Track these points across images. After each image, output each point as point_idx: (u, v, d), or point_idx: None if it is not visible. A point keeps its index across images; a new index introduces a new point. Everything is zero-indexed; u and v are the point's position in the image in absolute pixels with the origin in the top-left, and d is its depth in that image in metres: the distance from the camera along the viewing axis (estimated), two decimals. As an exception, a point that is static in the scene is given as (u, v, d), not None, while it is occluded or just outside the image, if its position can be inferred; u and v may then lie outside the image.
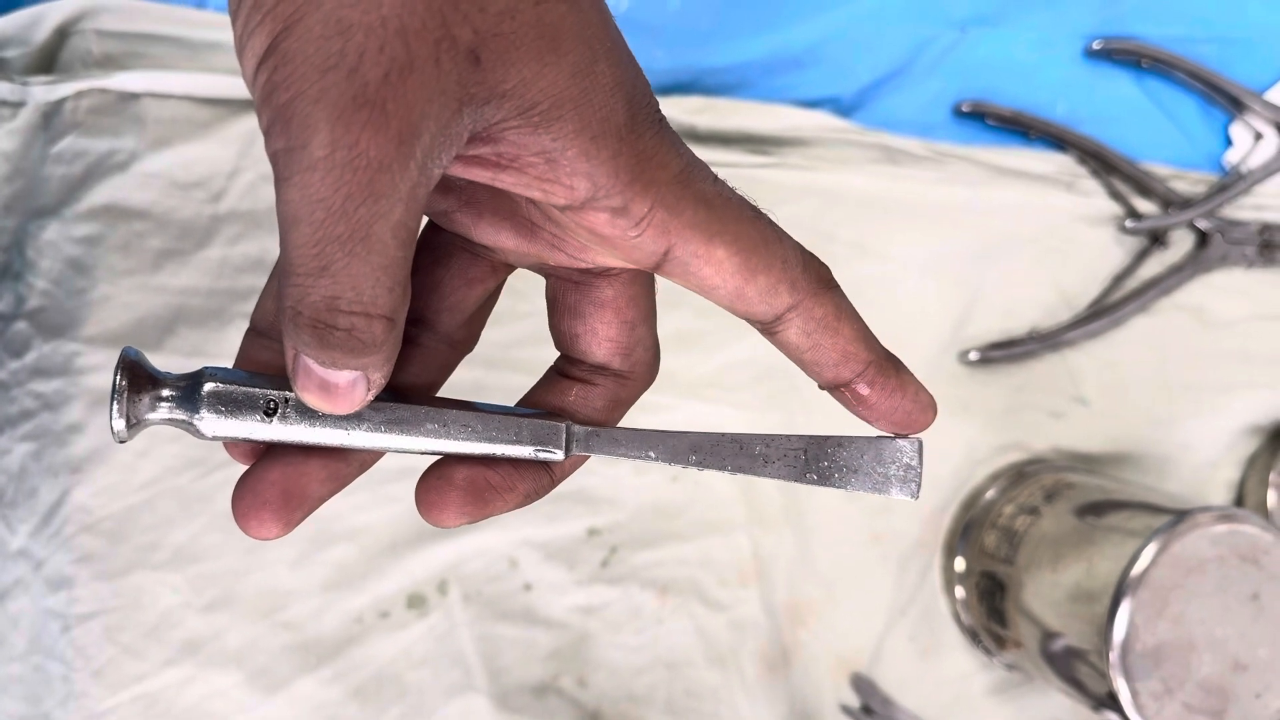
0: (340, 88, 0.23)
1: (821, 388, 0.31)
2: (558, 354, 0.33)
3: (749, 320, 0.30)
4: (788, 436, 0.31)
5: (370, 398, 0.27)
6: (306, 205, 0.23)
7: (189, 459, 0.54)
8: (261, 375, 0.29)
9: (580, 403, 0.31)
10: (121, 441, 0.28)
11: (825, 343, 0.30)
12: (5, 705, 0.54)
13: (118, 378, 0.28)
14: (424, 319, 0.31)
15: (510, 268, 0.32)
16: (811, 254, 0.30)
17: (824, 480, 0.31)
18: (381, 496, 0.55)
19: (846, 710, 0.61)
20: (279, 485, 0.28)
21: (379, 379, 0.27)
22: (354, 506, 0.55)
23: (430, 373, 0.31)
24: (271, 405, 0.28)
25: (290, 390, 0.28)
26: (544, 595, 0.57)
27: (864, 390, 0.30)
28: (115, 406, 0.28)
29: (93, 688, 0.53)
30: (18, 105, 0.52)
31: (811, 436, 0.31)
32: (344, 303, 0.24)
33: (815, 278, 0.29)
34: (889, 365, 0.31)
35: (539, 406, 0.32)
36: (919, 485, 0.31)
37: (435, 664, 0.56)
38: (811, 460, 0.31)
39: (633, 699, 0.58)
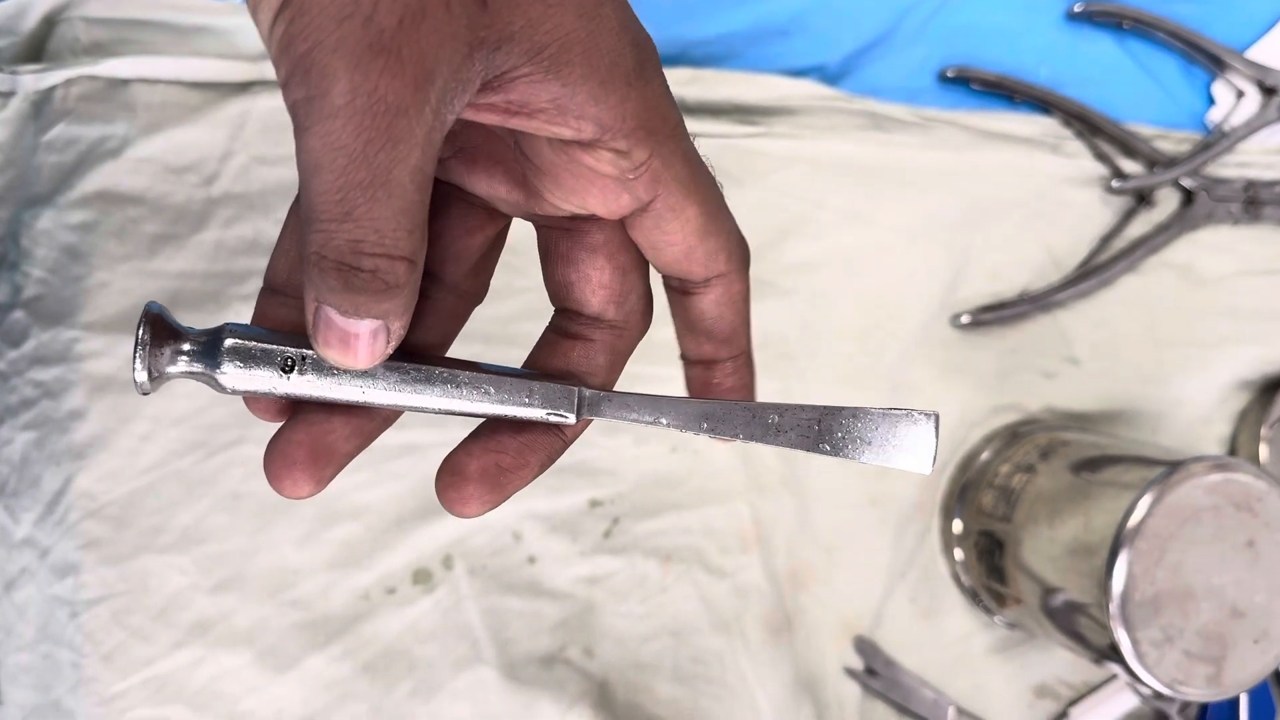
0: (357, 36, 0.23)
1: (689, 357, 0.32)
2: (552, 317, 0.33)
3: (678, 277, 0.31)
4: (801, 406, 0.31)
5: (389, 350, 0.27)
6: (328, 153, 0.24)
7: (192, 442, 0.54)
8: (281, 332, 0.29)
9: (583, 360, 0.32)
10: (144, 393, 0.29)
11: (729, 318, 0.31)
12: (15, 695, 0.54)
13: (140, 331, 0.28)
14: (429, 270, 0.31)
15: (507, 217, 0.32)
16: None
17: (837, 451, 0.31)
18: (385, 474, 0.56)
19: (850, 673, 0.61)
20: (306, 445, 0.29)
21: (398, 329, 0.27)
22: (358, 485, 0.56)
23: (441, 323, 0.32)
24: (289, 362, 0.28)
25: (308, 348, 0.28)
26: (548, 567, 0.58)
27: (726, 382, 0.33)
28: (138, 359, 0.28)
29: (103, 672, 0.53)
30: (8, 95, 0.53)
31: (826, 407, 0.31)
32: (368, 245, 0.25)
33: (744, 255, 0.31)
34: (750, 364, 0.33)
35: (541, 365, 0.32)
36: (934, 459, 0.31)
37: (443, 638, 0.56)
38: (825, 431, 0.31)
39: (639, 667, 0.58)
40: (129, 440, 0.53)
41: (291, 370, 0.28)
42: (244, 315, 0.54)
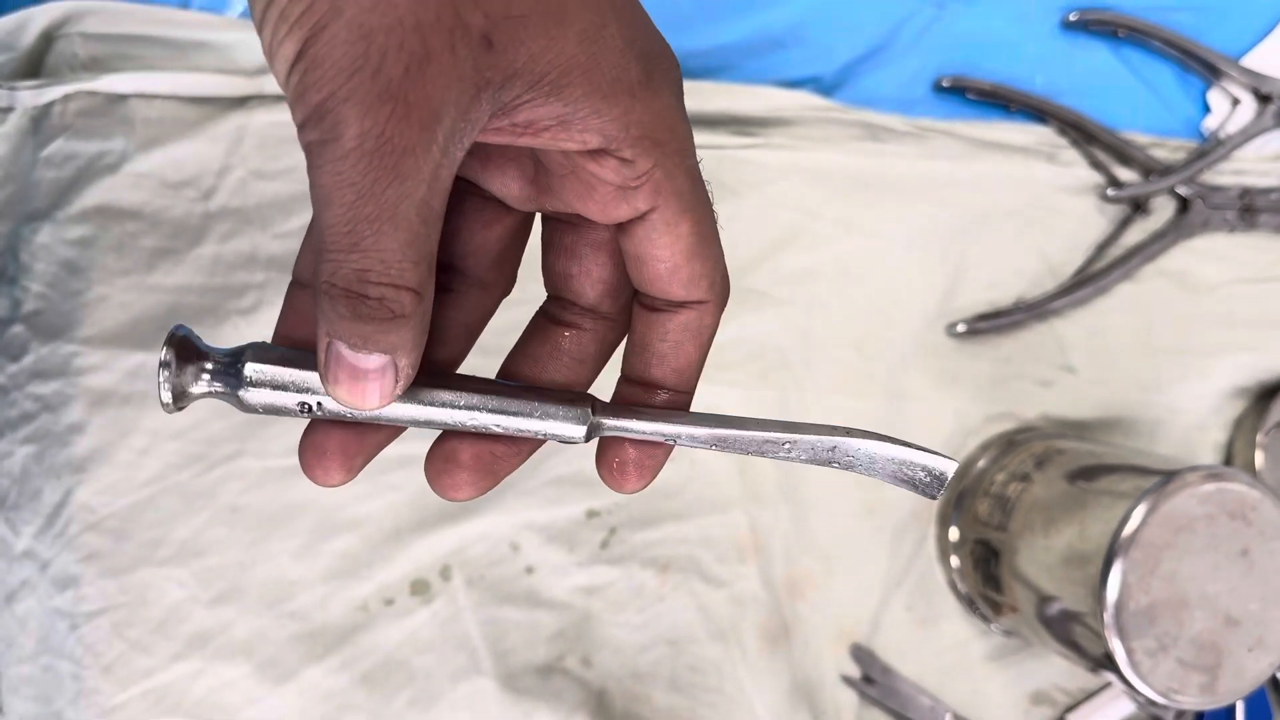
0: (366, 87, 0.24)
1: (628, 375, 0.32)
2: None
3: (655, 295, 0.31)
4: (819, 431, 0.31)
5: (398, 391, 0.28)
6: (338, 189, 0.25)
7: (190, 455, 0.54)
8: (303, 350, 0.30)
9: (574, 348, 0.32)
10: (170, 412, 0.30)
11: (688, 349, 0.31)
12: (16, 706, 0.54)
13: (164, 352, 0.29)
14: (452, 265, 0.32)
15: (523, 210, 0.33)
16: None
17: (846, 468, 0.32)
18: (382, 485, 0.56)
19: (847, 681, 0.62)
20: (337, 437, 0.30)
21: (406, 367, 0.28)
22: (355, 496, 0.56)
23: (467, 314, 0.33)
24: (305, 406, 0.29)
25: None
26: (546, 577, 0.58)
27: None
28: (162, 380, 0.29)
29: (103, 684, 0.53)
30: (6, 110, 0.53)
31: (844, 434, 0.31)
32: (373, 274, 0.26)
33: (725, 290, 0.31)
34: (687, 409, 0.32)
35: (531, 352, 0.33)
36: (941, 493, 0.32)
37: (441, 649, 0.56)
38: (838, 457, 0.31)
39: (637, 676, 0.59)
40: (128, 454, 0.54)
41: (309, 411, 0.29)
42: (242, 329, 0.54)
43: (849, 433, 0.31)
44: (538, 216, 0.33)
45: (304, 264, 0.32)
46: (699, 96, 0.59)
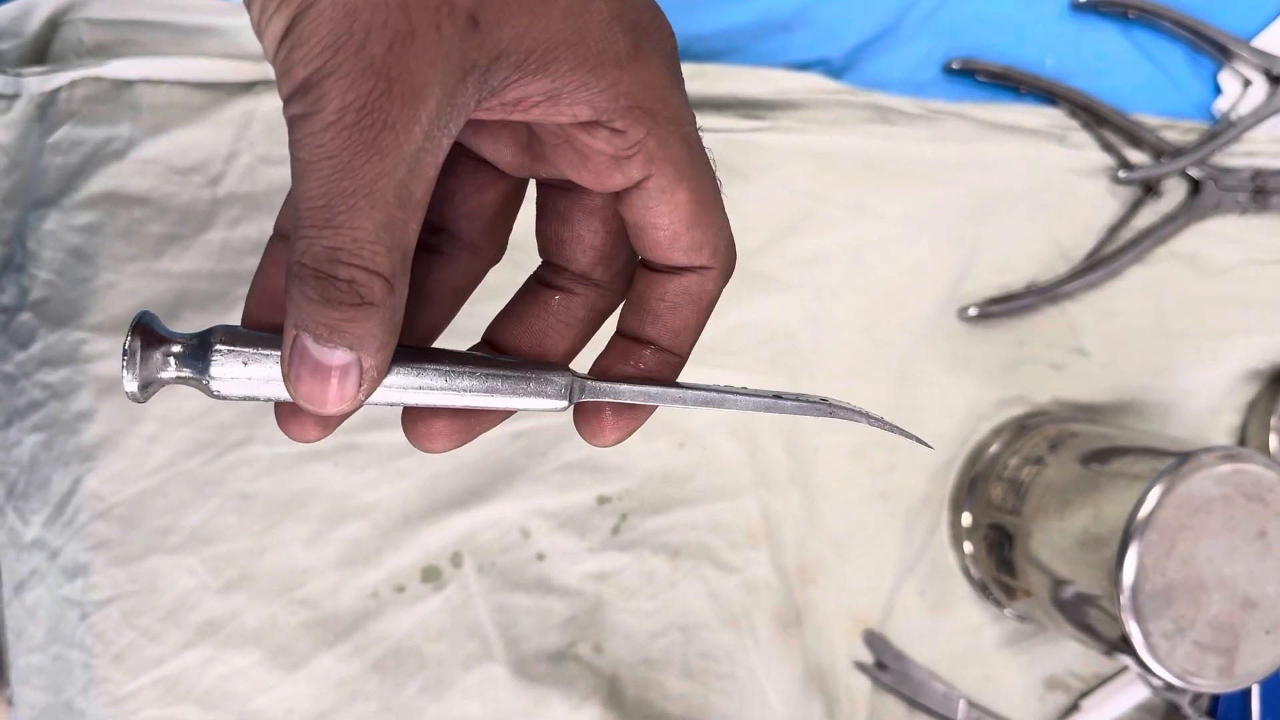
0: (350, 63, 0.25)
1: (622, 330, 0.32)
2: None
3: (655, 260, 0.30)
4: (801, 400, 0.31)
5: (361, 398, 0.27)
6: (316, 162, 0.25)
7: (200, 442, 0.54)
8: (271, 334, 0.29)
9: (562, 311, 0.32)
10: (137, 401, 0.29)
11: (685, 313, 0.31)
12: (27, 696, 0.54)
13: (128, 340, 0.28)
14: (444, 227, 0.32)
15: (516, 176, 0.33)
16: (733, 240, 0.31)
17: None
18: (391, 472, 0.56)
19: (860, 667, 0.61)
20: None
21: (372, 370, 0.27)
22: (365, 483, 0.56)
23: (455, 277, 0.32)
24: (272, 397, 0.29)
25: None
26: (557, 564, 0.58)
27: (644, 364, 0.32)
28: (126, 368, 0.28)
29: (113, 673, 0.53)
30: (12, 97, 0.53)
31: (829, 407, 0.31)
32: (344, 254, 0.25)
33: (729, 258, 0.31)
34: (677, 371, 0.32)
35: (519, 313, 0.32)
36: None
37: (453, 635, 0.56)
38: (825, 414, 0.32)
39: (649, 663, 0.58)
40: (137, 441, 0.54)
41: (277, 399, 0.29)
42: (250, 315, 0.54)
43: (832, 409, 0.31)
44: (532, 183, 0.33)
45: (285, 217, 0.32)
46: (706, 79, 0.59)
